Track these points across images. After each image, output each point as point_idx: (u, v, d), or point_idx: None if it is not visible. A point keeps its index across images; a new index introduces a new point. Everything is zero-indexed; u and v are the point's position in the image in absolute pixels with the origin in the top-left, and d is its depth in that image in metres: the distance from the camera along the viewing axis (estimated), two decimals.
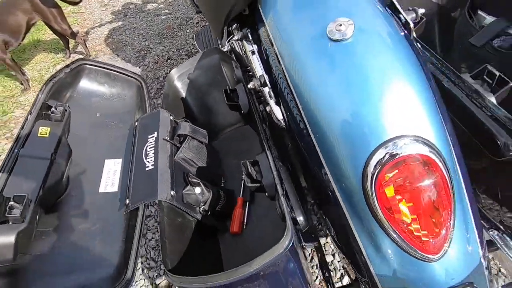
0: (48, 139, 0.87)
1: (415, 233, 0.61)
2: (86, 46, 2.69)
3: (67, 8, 3.19)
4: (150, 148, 0.96)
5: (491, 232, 0.80)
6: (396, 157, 0.57)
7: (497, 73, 0.68)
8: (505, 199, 0.75)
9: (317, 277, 1.38)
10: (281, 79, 0.74)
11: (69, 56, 2.73)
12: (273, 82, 0.79)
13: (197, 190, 0.95)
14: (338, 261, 1.36)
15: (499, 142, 0.63)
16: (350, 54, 0.63)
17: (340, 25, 0.64)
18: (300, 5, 0.74)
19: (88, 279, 0.71)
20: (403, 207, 0.60)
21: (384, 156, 0.57)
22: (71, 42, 2.75)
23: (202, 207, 0.96)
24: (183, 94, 1.24)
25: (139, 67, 2.53)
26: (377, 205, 0.60)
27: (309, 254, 1.38)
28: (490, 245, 0.82)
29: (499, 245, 0.78)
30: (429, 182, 0.58)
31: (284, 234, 0.64)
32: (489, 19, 0.94)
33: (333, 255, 1.38)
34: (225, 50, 1.18)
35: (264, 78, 0.79)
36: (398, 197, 0.59)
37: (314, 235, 0.90)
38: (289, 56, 0.72)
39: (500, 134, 0.63)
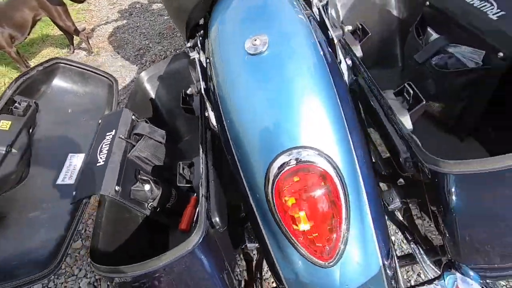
0: (7, 132, 0.94)
1: (312, 240, 0.64)
2: (89, 43, 2.80)
3: (76, 6, 3.33)
4: (105, 145, 1.02)
5: (412, 245, 0.82)
6: (297, 164, 0.60)
7: (412, 91, 0.70)
8: (424, 213, 0.78)
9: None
10: (212, 89, 0.79)
11: (73, 51, 2.86)
12: (208, 90, 0.83)
13: (146, 187, 1.00)
14: None
15: (400, 158, 0.66)
16: (262, 67, 0.66)
17: (255, 40, 0.67)
18: (232, 21, 0.78)
19: (22, 263, 0.77)
20: (301, 215, 0.63)
21: (286, 162, 0.61)
22: (76, 38, 2.87)
23: (151, 203, 1.01)
24: (152, 96, 1.30)
25: (137, 65, 2.62)
26: (277, 212, 0.64)
27: None
28: (411, 258, 0.84)
29: (417, 259, 0.80)
30: (323, 193, 0.61)
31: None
32: (434, 36, 0.95)
33: None
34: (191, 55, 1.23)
35: (201, 85, 0.84)
36: (298, 206, 0.63)
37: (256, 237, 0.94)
38: (217, 68, 0.76)
39: (403, 151, 0.66)
